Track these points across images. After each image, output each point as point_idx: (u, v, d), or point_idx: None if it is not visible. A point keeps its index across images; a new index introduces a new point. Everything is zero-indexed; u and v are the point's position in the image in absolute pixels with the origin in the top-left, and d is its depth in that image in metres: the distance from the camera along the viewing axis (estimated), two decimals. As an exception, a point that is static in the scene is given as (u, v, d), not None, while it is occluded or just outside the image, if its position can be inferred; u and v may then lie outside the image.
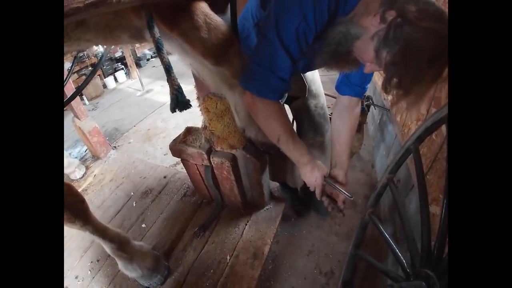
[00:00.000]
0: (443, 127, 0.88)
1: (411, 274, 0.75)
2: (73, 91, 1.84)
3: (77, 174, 2.15)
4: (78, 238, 1.58)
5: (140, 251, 1.24)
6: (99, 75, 4.39)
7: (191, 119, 2.75)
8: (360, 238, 1.18)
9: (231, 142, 1.24)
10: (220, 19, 0.77)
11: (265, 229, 1.47)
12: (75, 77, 3.85)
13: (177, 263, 1.38)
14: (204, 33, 0.73)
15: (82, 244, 1.56)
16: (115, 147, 2.73)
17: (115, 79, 4.60)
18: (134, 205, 1.81)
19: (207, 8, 0.74)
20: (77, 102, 2.11)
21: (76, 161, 2.20)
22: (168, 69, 0.65)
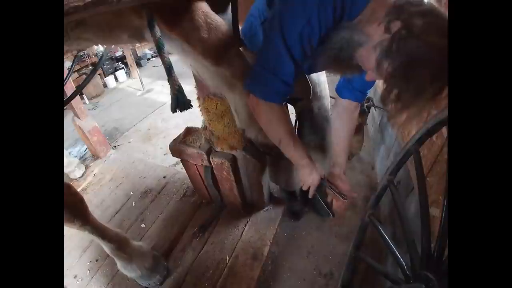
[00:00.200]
0: (444, 129, 0.88)
1: (411, 276, 0.75)
2: (73, 90, 1.84)
3: (77, 173, 2.15)
4: (77, 237, 1.57)
5: (139, 251, 1.24)
6: (99, 74, 4.38)
7: (191, 119, 2.74)
8: (360, 239, 1.18)
9: (231, 142, 1.23)
10: (220, 19, 0.76)
11: (265, 230, 1.47)
12: (75, 76, 3.84)
13: (176, 263, 1.38)
14: (204, 33, 0.73)
15: (81, 243, 1.56)
16: (115, 146, 2.73)
17: (116, 79, 4.60)
18: (133, 205, 1.80)
19: (208, 8, 0.74)
20: (77, 101, 2.11)
21: (75, 160, 2.20)
22: (169, 69, 0.65)
